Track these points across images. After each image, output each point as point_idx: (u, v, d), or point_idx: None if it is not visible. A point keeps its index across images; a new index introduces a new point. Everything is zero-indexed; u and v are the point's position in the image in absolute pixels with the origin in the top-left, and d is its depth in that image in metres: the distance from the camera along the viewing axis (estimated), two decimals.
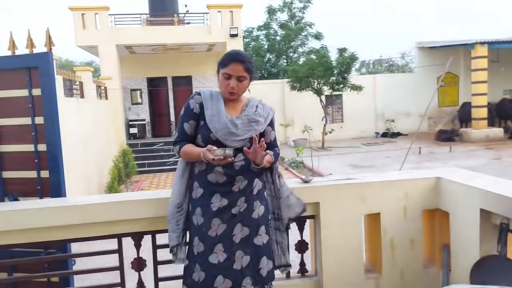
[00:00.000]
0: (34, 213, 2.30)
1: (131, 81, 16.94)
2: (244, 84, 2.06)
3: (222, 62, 2.05)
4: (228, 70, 2.02)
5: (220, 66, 2.06)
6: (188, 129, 2.09)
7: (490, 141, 15.91)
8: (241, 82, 2.04)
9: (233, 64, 2.01)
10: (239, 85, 2.04)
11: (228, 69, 2.02)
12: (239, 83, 2.04)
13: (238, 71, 2.01)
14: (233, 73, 2.01)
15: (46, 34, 2.68)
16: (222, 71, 2.04)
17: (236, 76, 2.02)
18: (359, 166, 12.31)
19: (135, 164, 12.01)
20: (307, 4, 24.62)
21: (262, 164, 1.99)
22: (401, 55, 35.06)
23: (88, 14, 13.63)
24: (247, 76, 2.05)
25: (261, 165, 2.00)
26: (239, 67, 2.01)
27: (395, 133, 19.37)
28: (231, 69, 2.01)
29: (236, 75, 2.02)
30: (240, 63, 2.01)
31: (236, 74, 2.02)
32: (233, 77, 2.02)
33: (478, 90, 16.49)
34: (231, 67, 2.01)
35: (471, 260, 2.15)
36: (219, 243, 2.00)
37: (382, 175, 2.77)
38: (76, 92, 9.44)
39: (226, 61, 2.03)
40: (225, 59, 2.04)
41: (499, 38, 16.87)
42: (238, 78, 2.03)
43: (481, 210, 2.20)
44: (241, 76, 2.03)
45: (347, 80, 15.84)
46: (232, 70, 2.01)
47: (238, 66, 2.01)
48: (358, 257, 2.56)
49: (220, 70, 2.05)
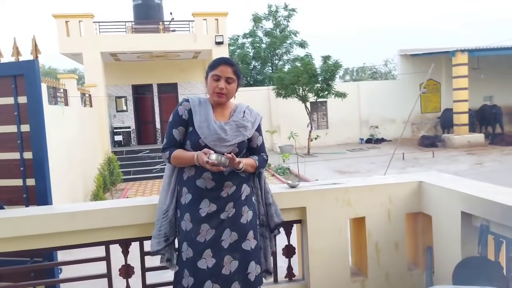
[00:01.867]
0: (20, 221, 2.28)
1: (116, 88, 16.82)
2: (232, 87, 2.12)
3: (211, 66, 2.13)
4: (217, 72, 2.09)
5: (209, 70, 2.14)
6: (177, 135, 2.12)
7: (471, 147, 16.24)
8: (229, 84, 2.10)
9: (222, 66, 2.09)
10: (227, 87, 2.10)
11: (217, 70, 2.09)
12: (228, 85, 2.10)
13: (227, 72, 2.09)
14: (222, 74, 2.09)
15: (32, 42, 2.68)
16: (211, 73, 2.11)
17: (225, 77, 2.09)
18: (345, 172, 12.43)
19: (120, 172, 11.89)
20: (292, 13, 24.93)
21: (241, 168, 2.03)
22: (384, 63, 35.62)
23: (72, 21, 13.53)
24: (235, 79, 2.13)
25: (240, 169, 2.04)
26: (228, 69, 2.10)
27: (379, 139, 19.64)
28: (220, 71, 2.09)
29: (225, 76, 2.09)
30: (229, 65, 2.10)
31: (225, 75, 2.09)
32: (222, 78, 2.09)
33: (459, 96, 16.84)
34: (220, 69, 2.09)
35: (454, 261, 2.21)
36: (207, 249, 2.02)
37: (367, 179, 2.83)
38: (60, 100, 9.34)
39: (215, 64, 2.12)
40: (214, 62, 2.13)
41: (479, 46, 17.28)
42: (227, 80, 2.09)
43: (462, 213, 2.26)
44: (229, 77, 2.10)
45: (331, 87, 16.01)
46: (221, 71, 2.09)
47: (227, 68, 2.09)
48: (344, 260, 2.61)
49: (209, 73, 2.12)
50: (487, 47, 17.25)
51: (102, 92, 13.80)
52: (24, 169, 2.69)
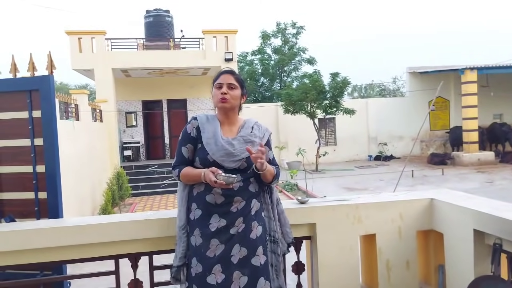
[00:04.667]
0: (30, 234, 2.29)
1: (126, 103, 17.02)
2: (235, 93, 2.16)
3: (215, 78, 2.21)
4: (219, 80, 2.17)
5: (213, 83, 2.21)
6: (185, 153, 2.15)
7: (481, 165, 16.08)
8: (232, 90, 2.15)
9: (224, 75, 2.18)
10: (230, 93, 2.14)
11: (219, 79, 2.17)
12: (230, 91, 2.15)
13: (228, 79, 2.16)
14: (224, 81, 2.16)
15: (48, 57, 2.74)
16: (214, 84, 2.19)
17: (226, 83, 2.15)
18: (353, 189, 12.34)
19: (129, 187, 11.94)
20: (300, 30, 25.18)
21: (263, 169, 2.03)
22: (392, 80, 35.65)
23: (84, 38, 13.80)
24: (238, 86, 2.18)
25: (262, 170, 2.03)
26: (230, 76, 2.17)
27: (387, 156, 19.52)
28: (221, 79, 2.17)
29: (226, 83, 2.15)
30: (230, 73, 2.19)
31: (227, 82, 2.15)
32: (224, 85, 2.15)
33: (469, 114, 16.77)
34: (222, 77, 2.17)
35: (466, 280, 2.18)
36: (217, 264, 2.01)
37: (378, 196, 2.81)
38: (71, 115, 9.48)
39: (217, 75, 2.21)
40: (217, 74, 2.23)
41: (488, 64, 17.26)
42: (229, 86, 2.15)
43: (475, 231, 2.24)
44: (231, 83, 2.16)
45: (340, 104, 16.05)
46: (222, 79, 2.17)
47: (228, 75, 2.18)
48: (355, 278, 2.57)
49: (213, 85, 2.19)
50: (496, 65, 17.24)
51: (113, 107, 13.96)
52: (37, 182, 2.72)
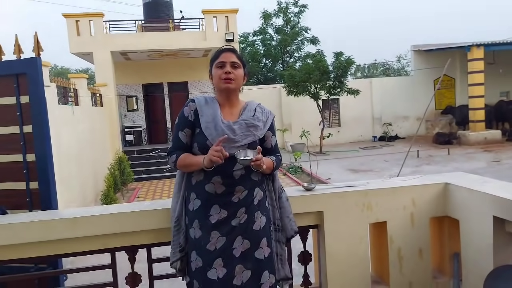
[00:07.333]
0: (23, 227, 2.17)
1: (126, 87, 16.82)
2: (239, 72, 1.99)
3: (213, 57, 2.02)
4: (221, 58, 1.97)
5: (211, 62, 2.02)
6: (183, 138, 1.99)
7: (488, 144, 15.86)
8: (235, 69, 1.97)
9: (225, 53, 1.99)
10: (234, 72, 1.96)
11: (220, 58, 1.98)
12: (234, 70, 1.96)
13: (231, 57, 1.97)
14: (227, 59, 1.96)
15: (34, 39, 2.56)
16: (215, 63, 1.99)
17: (229, 62, 1.96)
18: (358, 171, 12.21)
19: (131, 172, 11.84)
20: (302, 9, 24.65)
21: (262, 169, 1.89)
22: (396, 59, 35.13)
23: (82, 21, 13.52)
24: (240, 65, 2.00)
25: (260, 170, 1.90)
26: (231, 55, 1.98)
27: (392, 137, 19.33)
28: (223, 57, 1.97)
29: (229, 61, 1.96)
30: (231, 52, 2.00)
31: (230, 60, 1.97)
32: (227, 63, 1.96)
33: (475, 92, 16.47)
34: (223, 56, 1.98)
35: (484, 270, 2.04)
36: (218, 258, 1.88)
37: (388, 181, 2.66)
38: (70, 100, 9.30)
39: (217, 53, 2.01)
40: (216, 52, 2.03)
41: (495, 40, 16.85)
42: (232, 65, 1.97)
43: (494, 218, 2.09)
44: (234, 62, 1.97)
45: (343, 84, 15.76)
46: (224, 57, 1.97)
47: (230, 53, 1.99)
48: (365, 268, 2.44)
49: (213, 65, 2.00)
50: (503, 41, 16.80)
51: (113, 91, 13.78)
52: (27, 172, 2.58)
